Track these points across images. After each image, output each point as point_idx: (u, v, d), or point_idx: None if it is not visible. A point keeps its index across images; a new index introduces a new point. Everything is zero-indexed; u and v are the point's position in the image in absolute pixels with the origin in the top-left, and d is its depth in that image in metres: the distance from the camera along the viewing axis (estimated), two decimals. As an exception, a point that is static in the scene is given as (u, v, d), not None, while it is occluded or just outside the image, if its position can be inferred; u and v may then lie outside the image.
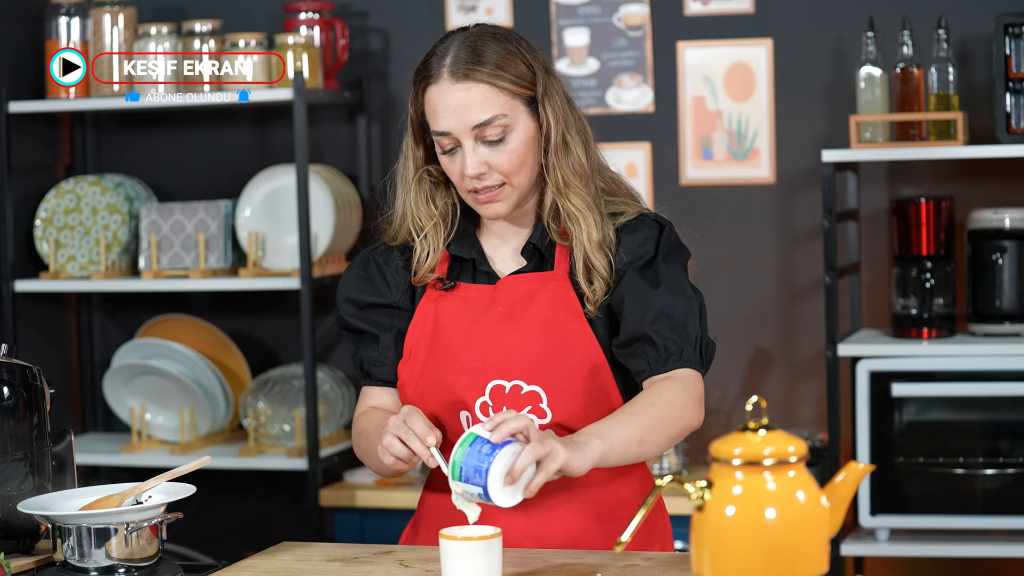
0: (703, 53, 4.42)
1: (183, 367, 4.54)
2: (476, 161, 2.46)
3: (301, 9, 4.50)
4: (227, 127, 4.77)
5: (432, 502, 2.61)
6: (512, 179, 2.49)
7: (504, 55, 2.48)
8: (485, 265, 2.57)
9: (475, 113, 2.45)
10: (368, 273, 2.62)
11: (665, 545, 2.61)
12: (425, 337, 2.55)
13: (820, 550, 1.94)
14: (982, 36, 4.17)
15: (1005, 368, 3.97)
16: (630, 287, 2.50)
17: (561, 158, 2.52)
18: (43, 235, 4.60)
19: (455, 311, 2.55)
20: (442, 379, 2.52)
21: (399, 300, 2.59)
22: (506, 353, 2.49)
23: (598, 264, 2.51)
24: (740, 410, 4.39)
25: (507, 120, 2.46)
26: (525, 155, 2.49)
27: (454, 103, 2.45)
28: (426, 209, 2.57)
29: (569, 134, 2.52)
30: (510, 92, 2.47)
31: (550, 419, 2.49)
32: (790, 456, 1.94)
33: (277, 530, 4.54)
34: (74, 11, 4.52)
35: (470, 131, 2.45)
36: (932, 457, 4.04)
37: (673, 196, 4.44)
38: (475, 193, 2.49)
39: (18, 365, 2.54)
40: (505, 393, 2.49)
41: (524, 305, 2.52)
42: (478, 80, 2.45)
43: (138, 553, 2.38)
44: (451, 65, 2.47)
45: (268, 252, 4.47)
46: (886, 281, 4.30)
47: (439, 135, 2.48)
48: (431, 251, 2.57)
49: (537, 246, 2.55)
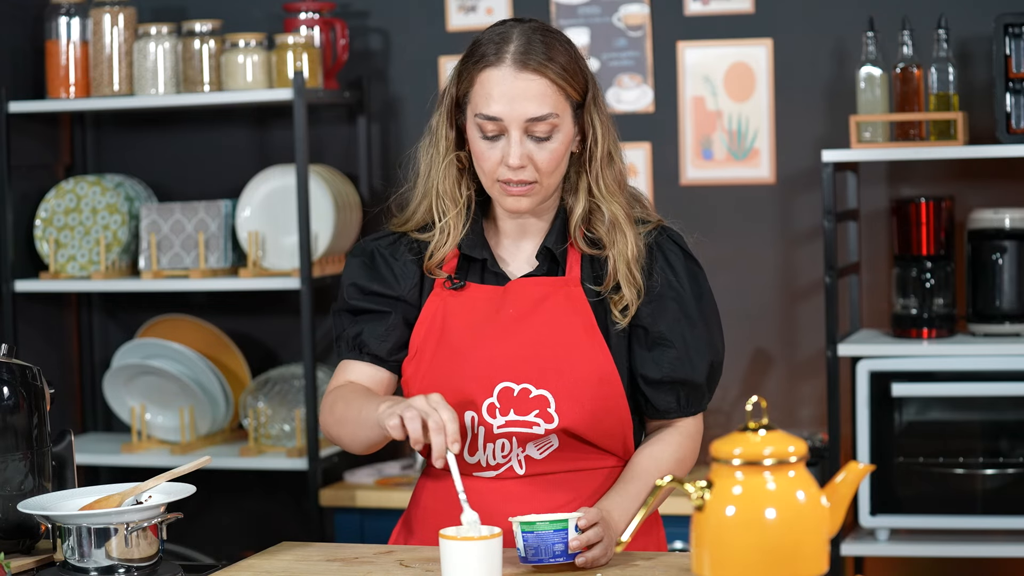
0: (703, 53, 4.42)
1: (183, 367, 4.54)
2: (521, 153, 2.46)
3: (301, 9, 4.50)
4: (227, 127, 4.77)
5: (426, 501, 2.60)
6: (545, 178, 2.49)
7: (569, 58, 2.49)
8: (496, 266, 2.56)
9: (533, 106, 2.45)
10: (374, 263, 2.60)
11: (660, 545, 2.61)
12: (433, 335, 2.54)
13: (820, 550, 1.94)
14: (982, 36, 4.17)
15: (1005, 368, 3.97)
16: (672, 323, 2.53)
17: (606, 167, 2.54)
18: (43, 235, 4.60)
19: (464, 311, 2.54)
20: (449, 379, 2.51)
21: (407, 294, 2.57)
22: (516, 356, 2.49)
23: (633, 277, 2.51)
24: (740, 410, 4.39)
25: (558, 120, 2.47)
26: (563, 157, 2.50)
27: (514, 91, 2.45)
28: (452, 193, 2.55)
29: (613, 145, 2.56)
30: (566, 94, 2.48)
31: (557, 424, 2.48)
32: (790, 456, 1.94)
33: (277, 530, 4.55)
34: (74, 11, 4.52)
35: (522, 123, 2.45)
36: (932, 457, 4.04)
37: (673, 196, 4.44)
38: (506, 184, 2.48)
39: (18, 365, 2.54)
40: (514, 396, 2.49)
41: (534, 309, 2.51)
42: (544, 75, 2.46)
43: (138, 553, 2.38)
44: (519, 53, 2.46)
45: (268, 252, 4.47)
46: (886, 281, 4.30)
47: (486, 119, 2.47)
48: (450, 237, 2.55)
49: (552, 250, 2.54)
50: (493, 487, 2.51)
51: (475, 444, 2.51)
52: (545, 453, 2.51)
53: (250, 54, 4.38)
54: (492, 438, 2.50)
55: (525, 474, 2.51)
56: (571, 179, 2.56)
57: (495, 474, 2.52)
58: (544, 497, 2.51)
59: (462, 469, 2.49)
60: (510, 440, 2.49)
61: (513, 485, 2.51)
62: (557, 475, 2.52)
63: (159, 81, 4.44)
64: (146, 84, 4.45)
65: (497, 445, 2.50)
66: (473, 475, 2.52)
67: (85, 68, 4.52)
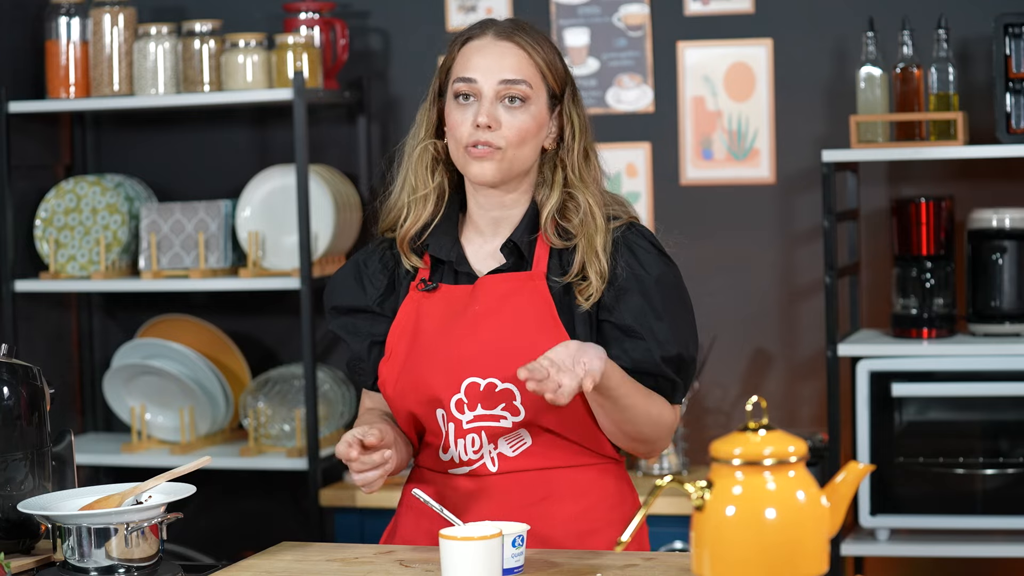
0: (703, 53, 4.42)
1: (183, 367, 4.54)
2: (490, 111, 2.53)
3: (301, 9, 4.50)
4: (227, 127, 4.77)
5: (413, 500, 2.63)
6: (510, 149, 2.54)
7: (551, 50, 2.60)
8: (464, 266, 2.60)
9: (507, 70, 2.54)
10: (349, 277, 2.69)
11: (642, 545, 2.62)
12: (405, 336, 2.59)
13: (820, 550, 1.94)
14: (982, 36, 4.17)
15: (1005, 368, 3.97)
16: (639, 315, 2.53)
17: (582, 160, 2.60)
18: (43, 235, 4.60)
19: (435, 311, 2.59)
20: (419, 378, 2.56)
21: (374, 304, 2.64)
22: (480, 350, 2.53)
23: (599, 263, 2.53)
24: (740, 410, 4.39)
25: (530, 92, 2.55)
26: (530, 134, 2.55)
27: (490, 56, 2.55)
28: (424, 176, 2.62)
29: (590, 144, 2.62)
30: (541, 73, 2.57)
31: (524, 417, 2.52)
32: (790, 456, 1.94)
33: (277, 530, 4.55)
34: (74, 11, 4.52)
35: (495, 85, 2.54)
36: (932, 457, 4.03)
37: (673, 196, 4.44)
38: (472, 148, 2.53)
39: (18, 365, 2.54)
40: (480, 391, 2.53)
41: (500, 304, 2.55)
42: (520, 45, 2.56)
43: (138, 553, 2.38)
44: (502, 29, 2.58)
45: (268, 252, 4.47)
46: (886, 281, 4.30)
47: (462, 81, 2.55)
48: (410, 215, 2.62)
49: (517, 244, 2.57)
50: (467, 485, 2.56)
51: (447, 441, 2.56)
52: (518, 451, 2.54)
53: (250, 54, 4.38)
54: (462, 433, 2.54)
55: (498, 471, 2.54)
56: (545, 175, 2.61)
57: (468, 470, 2.56)
58: (517, 495, 2.54)
59: (437, 466, 2.58)
60: (480, 435, 2.53)
61: (487, 482, 2.55)
62: (530, 472, 2.55)
63: (159, 81, 4.44)
64: (146, 84, 4.45)
65: (467, 440, 2.54)
66: (448, 472, 2.58)
67: (85, 68, 4.52)
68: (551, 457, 2.55)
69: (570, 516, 2.55)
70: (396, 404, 2.59)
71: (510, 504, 2.52)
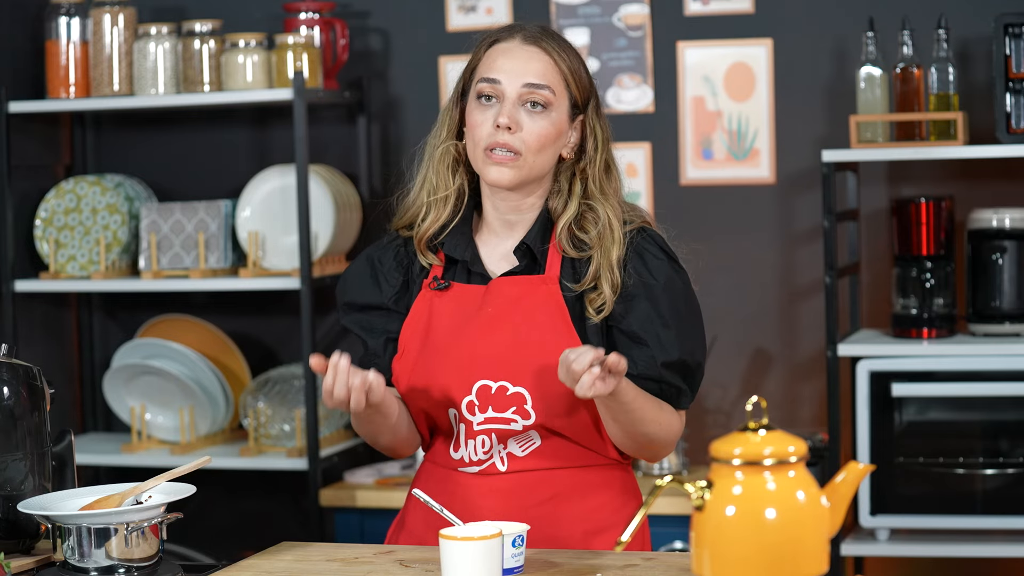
0: (703, 53, 4.42)
1: (183, 367, 4.54)
2: (511, 114, 2.53)
3: (301, 9, 4.50)
4: (227, 127, 4.77)
5: (417, 501, 2.64)
6: (528, 155, 2.54)
7: (574, 54, 2.61)
8: (478, 266, 2.60)
9: (531, 75, 2.55)
10: (364, 274, 2.68)
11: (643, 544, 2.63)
12: (418, 335, 2.60)
13: (820, 550, 1.94)
14: (982, 36, 4.17)
15: (1005, 368, 3.97)
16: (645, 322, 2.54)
17: (603, 172, 2.61)
18: (43, 235, 4.60)
19: (448, 311, 2.59)
20: (431, 377, 2.57)
21: (389, 302, 2.64)
22: (493, 354, 2.53)
23: (613, 276, 2.54)
24: (740, 410, 4.39)
25: (553, 98, 2.56)
26: (549, 140, 2.56)
27: (516, 59, 2.56)
28: (445, 177, 2.62)
29: (611, 156, 2.64)
30: (564, 81, 2.58)
31: (534, 420, 2.53)
32: (790, 456, 1.94)
33: (277, 530, 4.55)
34: (74, 11, 4.52)
35: (519, 88, 2.54)
36: (932, 457, 4.03)
37: (673, 196, 4.44)
38: (491, 151, 2.54)
39: (18, 365, 2.54)
40: (491, 393, 2.54)
41: (512, 307, 2.55)
42: (546, 51, 2.57)
43: (138, 553, 2.38)
44: (531, 33, 2.58)
45: (268, 252, 4.47)
46: (886, 281, 4.30)
47: (486, 81, 2.56)
48: (430, 215, 2.62)
49: (531, 247, 2.57)
50: (476, 483, 2.57)
51: (457, 440, 2.58)
52: (527, 451, 2.56)
53: (250, 54, 4.38)
54: (472, 434, 2.56)
55: (507, 471, 2.56)
56: (561, 184, 2.61)
57: (478, 470, 2.57)
58: (525, 493, 2.56)
59: (447, 463, 2.60)
60: (490, 436, 2.55)
61: (496, 481, 2.56)
62: (539, 472, 2.56)
63: (159, 81, 4.44)
64: (146, 84, 4.45)
65: (477, 441, 2.56)
66: (458, 471, 2.59)
67: (85, 68, 4.52)
68: (559, 457, 2.57)
69: (577, 515, 2.56)
70: (409, 401, 2.62)
71: (518, 502, 2.54)
